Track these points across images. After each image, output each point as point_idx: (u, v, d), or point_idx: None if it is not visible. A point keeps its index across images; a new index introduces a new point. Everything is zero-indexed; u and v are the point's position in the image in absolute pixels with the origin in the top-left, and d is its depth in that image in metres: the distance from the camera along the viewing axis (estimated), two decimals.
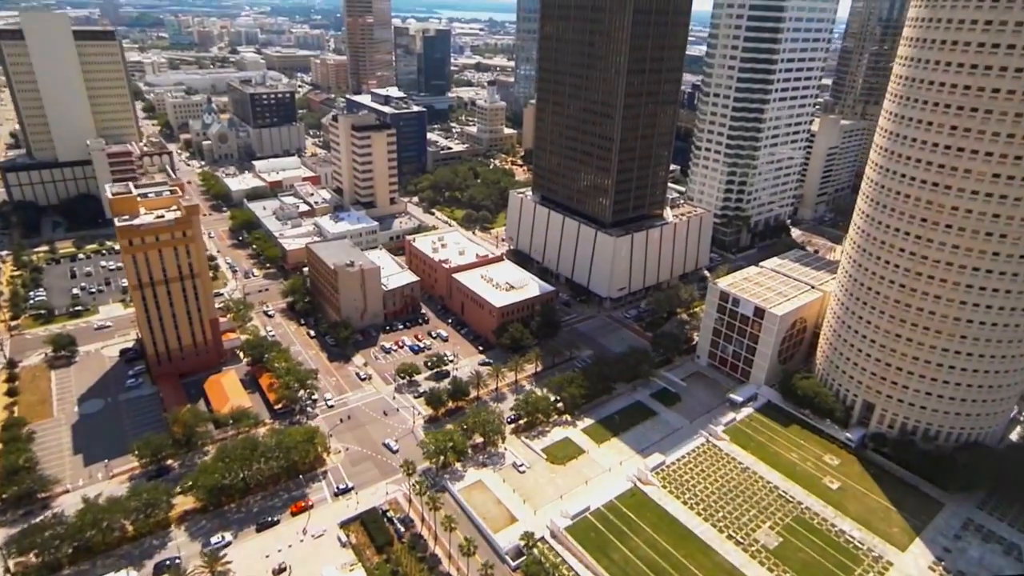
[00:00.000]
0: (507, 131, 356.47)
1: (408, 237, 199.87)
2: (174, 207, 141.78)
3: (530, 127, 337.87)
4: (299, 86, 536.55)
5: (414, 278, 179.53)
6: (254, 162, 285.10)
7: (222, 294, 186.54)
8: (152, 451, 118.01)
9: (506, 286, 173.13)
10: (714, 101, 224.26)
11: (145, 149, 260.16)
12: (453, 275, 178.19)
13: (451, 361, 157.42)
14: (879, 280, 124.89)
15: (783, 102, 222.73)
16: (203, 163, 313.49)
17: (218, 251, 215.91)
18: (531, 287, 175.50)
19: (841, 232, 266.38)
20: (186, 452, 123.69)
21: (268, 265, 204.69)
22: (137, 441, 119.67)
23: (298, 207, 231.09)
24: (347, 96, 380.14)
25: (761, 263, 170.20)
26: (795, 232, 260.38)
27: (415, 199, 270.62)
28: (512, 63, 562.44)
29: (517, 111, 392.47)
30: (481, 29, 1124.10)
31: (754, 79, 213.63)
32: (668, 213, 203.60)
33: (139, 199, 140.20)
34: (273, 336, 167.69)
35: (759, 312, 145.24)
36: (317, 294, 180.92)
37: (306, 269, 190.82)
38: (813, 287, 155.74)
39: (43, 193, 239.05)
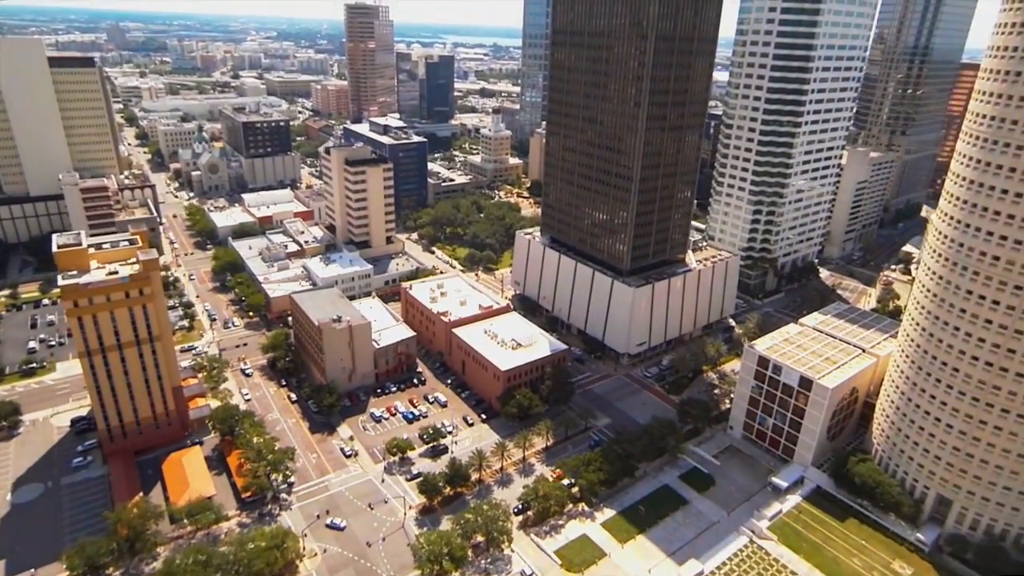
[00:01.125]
0: (512, 161, 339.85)
1: (404, 285, 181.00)
2: (132, 259, 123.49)
3: (536, 157, 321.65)
4: (299, 112, 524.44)
5: (410, 333, 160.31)
6: (244, 195, 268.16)
7: (196, 348, 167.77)
8: (87, 561, 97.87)
9: (512, 344, 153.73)
10: (737, 134, 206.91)
11: (126, 182, 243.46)
12: (453, 330, 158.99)
13: (449, 433, 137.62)
14: (957, 355, 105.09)
15: (813, 134, 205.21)
16: (192, 195, 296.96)
17: (197, 296, 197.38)
18: (540, 345, 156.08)
19: (872, 272, 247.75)
20: (131, 558, 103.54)
21: (251, 313, 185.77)
22: (70, 548, 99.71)
23: (286, 247, 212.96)
24: (344, 126, 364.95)
25: (801, 320, 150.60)
26: (823, 273, 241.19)
27: (414, 235, 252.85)
28: (517, 88, 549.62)
29: (523, 139, 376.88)
30: (486, 54, 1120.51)
31: (782, 110, 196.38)
32: (690, 257, 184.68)
33: (91, 251, 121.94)
34: (249, 399, 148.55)
35: (806, 383, 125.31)
36: (301, 350, 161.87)
37: (291, 319, 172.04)
38: (864, 351, 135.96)
39: (12, 230, 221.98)
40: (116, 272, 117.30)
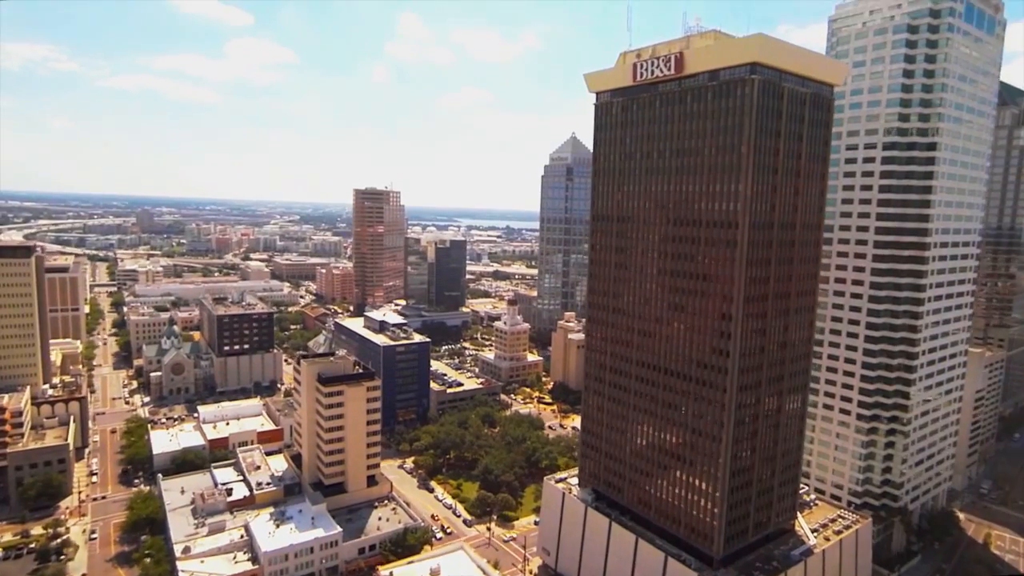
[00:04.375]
0: (531, 358, 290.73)
1: (383, 573, 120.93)
2: None
3: (560, 354, 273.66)
4: (301, 297, 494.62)
5: None
6: (201, 407, 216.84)
7: None
8: None
9: None
10: (832, 339, 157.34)
11: (49, 393, 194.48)
12: None
13: None
14: None
15: (935, 339, 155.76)
16: (147, 400, 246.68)
17: (84, 574, 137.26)
18: None
19: (1020, 514, 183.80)
20: None
21: None
22: None
23: (230, 491, 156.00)
24: (336, 321, 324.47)
25: None
26: (960, 517, 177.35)
27: (409, 462, 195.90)
28: (531, 269, 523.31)
29: (542, 330, 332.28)
30: (499, 236, 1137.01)
31: (895, 310, 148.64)
32: (802, 524, 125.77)
33: None
34: None
35: None
36: None
37: None
38: None
39: None
40: None
